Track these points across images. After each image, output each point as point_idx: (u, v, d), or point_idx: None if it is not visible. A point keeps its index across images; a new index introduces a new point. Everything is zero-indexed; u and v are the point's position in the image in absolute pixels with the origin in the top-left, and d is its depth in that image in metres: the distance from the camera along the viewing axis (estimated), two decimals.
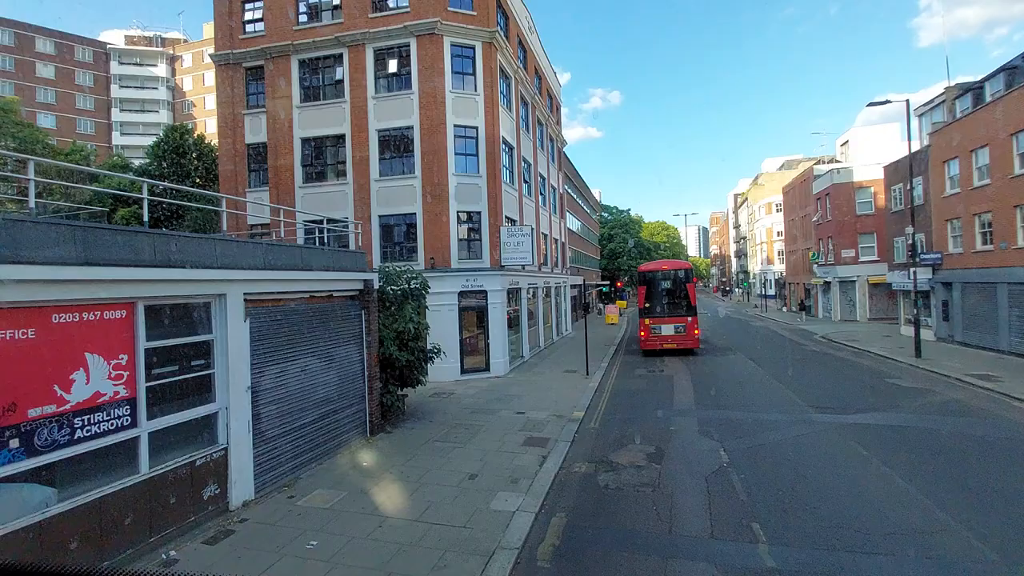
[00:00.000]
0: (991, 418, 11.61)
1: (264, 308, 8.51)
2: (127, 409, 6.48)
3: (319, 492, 8.21)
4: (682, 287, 22.65)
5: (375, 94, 18.57)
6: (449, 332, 17.49)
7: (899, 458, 9.12)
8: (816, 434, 10.72)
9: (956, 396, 13.76)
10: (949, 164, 22.69)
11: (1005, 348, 19.13)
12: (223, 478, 7.60)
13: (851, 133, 41.41)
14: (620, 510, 7.51)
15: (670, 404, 13.75)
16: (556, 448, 10.12)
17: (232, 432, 7.72)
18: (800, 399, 13.75)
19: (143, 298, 6.64)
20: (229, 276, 7.62)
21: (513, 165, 21.76)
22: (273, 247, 8.82)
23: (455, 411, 13.37)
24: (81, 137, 58.14)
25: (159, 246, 6.76)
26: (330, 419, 9.94)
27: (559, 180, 33.00)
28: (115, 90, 63.83)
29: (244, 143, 20.18)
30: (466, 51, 18.49)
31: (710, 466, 9.04)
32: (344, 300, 10.82)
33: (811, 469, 8.83)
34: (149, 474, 6.66)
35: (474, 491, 8.12)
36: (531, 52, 25.35)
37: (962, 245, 21.90)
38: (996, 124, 19.38)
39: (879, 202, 33.60)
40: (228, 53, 19.81)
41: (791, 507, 7.35)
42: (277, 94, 19.25)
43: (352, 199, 18.66)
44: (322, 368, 9.82)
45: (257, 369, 8.24)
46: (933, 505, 7.23)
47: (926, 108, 26.53)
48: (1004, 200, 19.09)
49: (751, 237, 70.85)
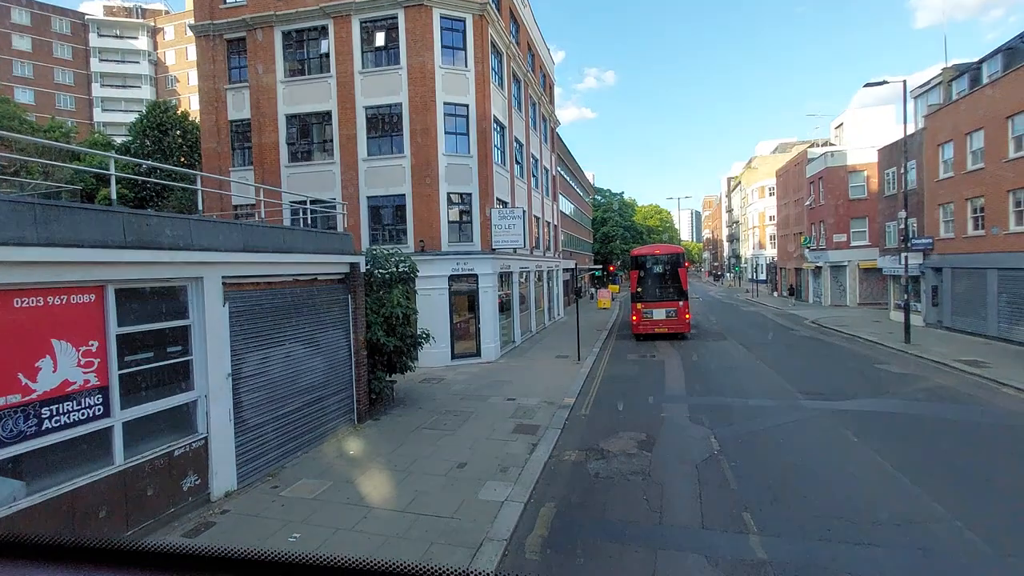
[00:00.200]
0: (980, 404, 11.65)
1: (245, 292, 8.19)
2: (99, 398, 6.21)
3: (304, 482, 8.03)
4: (674, 272, 22.93)
5: (362, 69, 17.94)
6: (439, 317, 17.25)
7: (889, 445, 9.09)
8: (807, 421, 10.69)
9: (945, 382, 13.81)
10: (943, 147, 22.53)
11: (993, 334, 19.26)
12: (203, 468, 7.38)
13: (846, 116, 41.08)
14: (610, 499, 7.41)
15: (661, 390, 13.68)
16: (546, 435, 10.00)
17: (212, 421, 7.47)
18: (790, 385, 13.73)
19: (113, 281, 6.31)
20: (206, 258, 7.29)
21: (505, 145, 21.29)
22: (253, 228, 8.47)
23: (445, 397, 13.21)
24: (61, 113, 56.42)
25: (130, 226, 6.40)
26: (316, 406, 9.72)
27: (552, 161, 32.49)
28: (95, 64, 61.78)
29: (227, 120, 19.51)
30: (456, 24, 17.86)
31: (701, 454, 8.97)
32: (330, 284, 10.51)
33: (802, 457, 8.79)
34: (124, 465, 6.42)
35: (463, 480, 7.98)
36: (524, 26, 24.64)
37: (953, 230, 21.89)
38: (992, 106, 19.18)
39: (872, 186, 33.49)
40: (208, 24, 19.00)
41: (782, 496, 7.28)
42: (260, 68, 18.54)
43: (339, 179, 18.16)
44: (307, 354, 9.56)
45: (238, 355, 7.96)
46: (924, 494, 7.19)
47: (922, 90, 26.25)
48: (997, 184, 19.00)
49: (744, 221, 70.82)
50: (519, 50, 23.17)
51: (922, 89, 26.23)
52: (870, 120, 39.17)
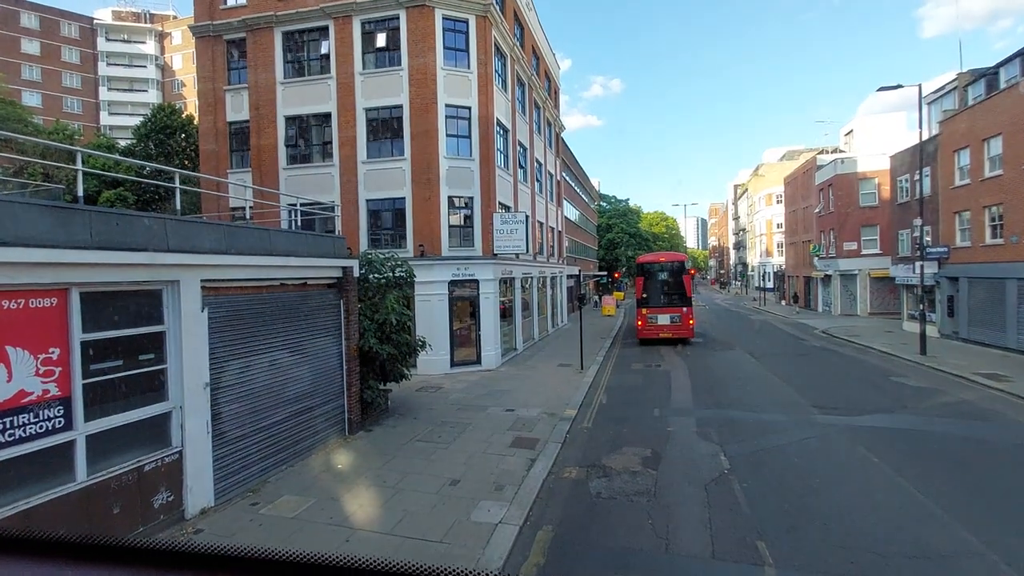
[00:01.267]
0: (1005, 422, 11.01)
1: (226, 297, 7.75)
2: (60, 410, 5.76)
3: (286, 498, 7.54)
4: (678, 279, 23.29)
5: (362, 70, 17.60)
6: (439, 323, 16.78)
7: (912, 466, 8.49)
8: (822, 438, 10.09)
9: (966, 396, 13.16)
10: (959, 154, 21.90)
11: (1013, 346, 18.55)
12: (177, 484, 6.91)
13: (856, 122, 40.49)
14: (612, 523, 6.86)
15: (667, 402, 13.11)
16: (546, 450, 9.46)
17: (188, 433, 7.01)
18: (803, 398, 13.12)
19: (78, 284, 5.88)
20: (183, 260, 6.85)
21: (508, 149, 20.88)
22: (237, 230, 8.04)
23: (442, 407, 12.70)
24: (68, 117, 56.61)
25: (98, 226, 5.98)
26: (303, 417, 9.24)
27: (556, 167, 32.06)
28: (102, 68, 62.08)
29: (226, 121, 19.21)
30: (459, 25, 17.50)
31: (710, 473, 8.40)
32: (321, 288, 10.06)
33: (819, 478, 8.20)
34: (88, 482, 5.96)
35: (455, 499, 7.46)
36: (528, 30, 24.30)
37: (970, 239, 21.21)
38: (1011, 111, 18.57)
39: (883, 194, 32.83)
40: (208, 24, 18.76)
41: (799, 523, 6.71)
42: (259, 69, 18.25)
43: (338, 182, 17.78)
44: (294, 362, 9.09)
45: (217, 364, 7.50)
46: (954, 522, 6.60)
47: (936, 96, 25.64)
48: (1017, 192, 18.36)
49: (750, 229, 70.09)
50: (523, 53, 22.82)
51: (936, 95, 25.63)
52: (881, 127, 38.56)
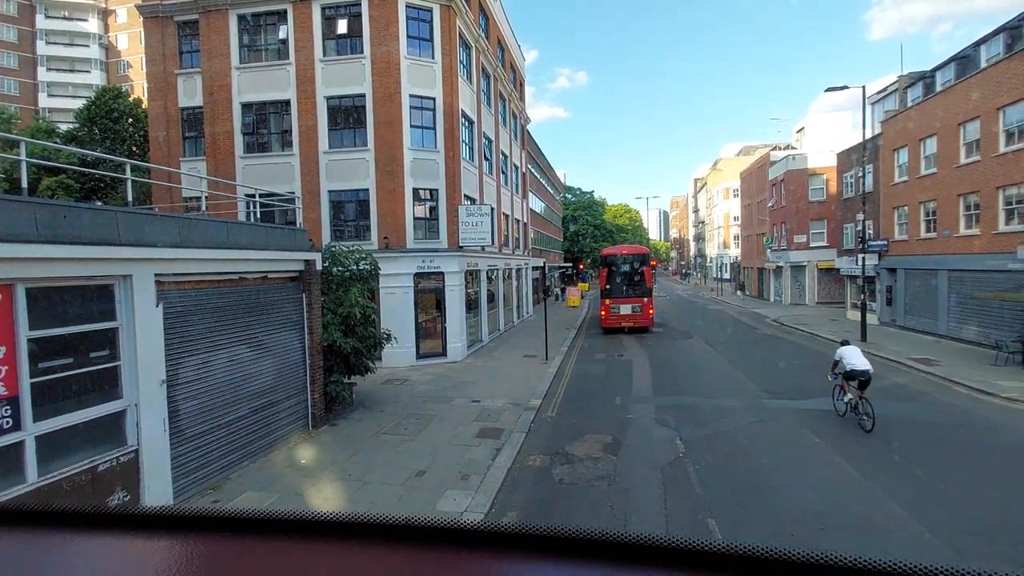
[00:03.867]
0: (934, 403, 11.94)
1: (182, 291, 7.57)
2: (7, 410, 5.56)
3: (248, 494, 7.48)
4: (639, 271, 24.25)
5: (323, 57, 17.19)
6: (404, 316, 16.73)
7: (850, 446, 9.14)
8: (770, 421, 10.72)
9: (900, 380, 14.17)
10: (898, 152, 23.28)
11: (943, 332, 20.00)
12: (134, 483, 6.76)
13: (807, 120, 42.27)
14: (574, 507, 7.15)
15: (628, 390, 13.56)
16: (511, 440, 9.69)
17: (144, 431, 6.85)
18: (754, 384, 13.83)
19: (24, 279, 5.66)
20: (135, 254, 6.65)
21: (473, 141, 20.85)
22: (192, 222, 7.84)
23: (407, 399, 12.75)
24: (4, 98, 52.72)
25: (44, 218, 5.75)
26: (265, 412, 9.14)
27: (522, 159, 32.19)
28: (41, 47, 57.99)
29: (177, 107, 18.41)
30: (423, 14, 17.29)
31: (666, 457, 8.82)
32: (282, 282, 9.92)
33: (765, 458, 8.74)
34: (39, 483, 5.78)
35: (421, 490, 7.59)
36: (493, 20, 24.21)
37: (907, 232, 22.64)
38: (945, 113, 19.87)
39: (831, 189, 34.49)
40: (157, 4, 17.87)
41: (746, 500, 7.17)
42: (213, 53, 17.53)
43: (299, 172, 17.37)
44: (255, 357, 8.96)
45: (174, 360, 7.34)
46: (883, 495, 7.20)
47: (879, 96, 27.12)
48: (949, 189, 19.71)
49: (709, 221, 72.25)
50: (488, 44, 22.75)
51: (879, 96, 27.09)
52: (830, 125, 40.38)
